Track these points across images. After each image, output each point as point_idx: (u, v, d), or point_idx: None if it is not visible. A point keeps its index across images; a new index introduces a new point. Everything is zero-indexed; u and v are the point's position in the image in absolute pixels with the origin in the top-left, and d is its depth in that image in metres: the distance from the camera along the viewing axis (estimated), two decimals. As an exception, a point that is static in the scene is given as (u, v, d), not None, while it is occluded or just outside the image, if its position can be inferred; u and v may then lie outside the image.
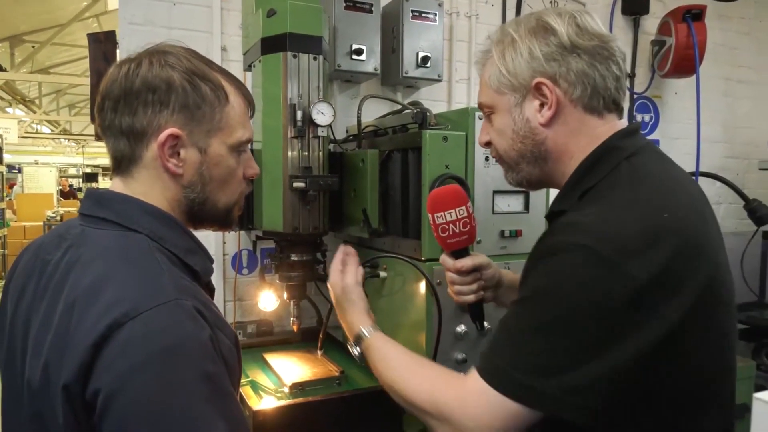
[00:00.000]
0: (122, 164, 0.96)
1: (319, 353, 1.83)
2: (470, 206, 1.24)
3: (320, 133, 1.66)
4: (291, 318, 1.85)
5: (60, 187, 15.64)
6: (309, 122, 1.63)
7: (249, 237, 2.20)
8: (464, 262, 1.28)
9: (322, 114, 1.61)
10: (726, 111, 3.44)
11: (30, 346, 0.87)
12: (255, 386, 1.67)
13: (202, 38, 2.17)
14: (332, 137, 1.89)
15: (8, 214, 9.62)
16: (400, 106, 2.08)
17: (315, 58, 1.66)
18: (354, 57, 2.15)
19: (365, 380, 1.70)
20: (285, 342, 2.08)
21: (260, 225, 1.73)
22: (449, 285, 1.33)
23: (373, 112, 2.17)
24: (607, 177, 0.97)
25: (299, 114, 1.61)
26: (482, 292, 1.33)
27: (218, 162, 0.97)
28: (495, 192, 1.66)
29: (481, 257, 1.32)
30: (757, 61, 3.52)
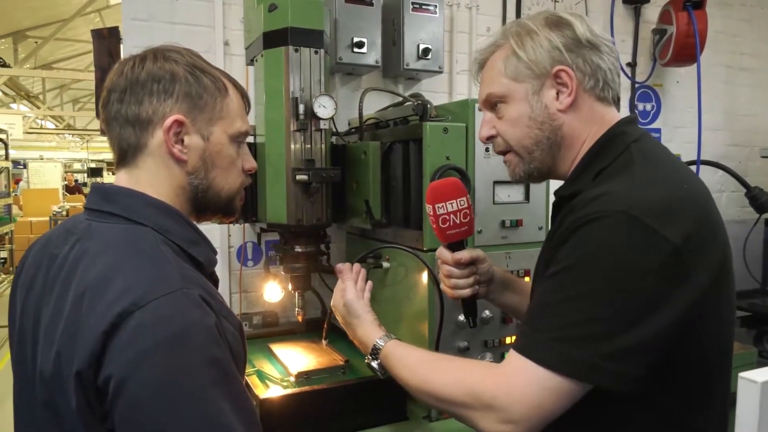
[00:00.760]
0: (128, 154, 0.99)
1: (324, 343, 1.85)
2: (469, 198, 1.25)
3: (322, 126, 1.68)
4: (296, 309, 1.88)
5: (66, 182, 15.71)
6: (311, 115, 1.64)
7: (253, 229, 2.22)
8: (463, 254, 1.28)
9: (324, 107, 1.63)
10: (727, 99, 3.44)
11: (41, 337, 0.90)
12: (261, 376, 1.70)
13: (205, 33, 2.19)
14: (334, 130, 1.91)
15: (15, 210, 9.68)
16: (401, 98, 2.10)
17: (316, 52, 1.68)
18: (355, 50, 2.17)
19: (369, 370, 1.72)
20: (290, 332, 2.11)
21: (264, 217, 1.76)
22: (443, 279, 1.33)
23: (375, 105, 2.19)
24: (619, 158, 1.02)
25: (301, 107, 1.63)
26: (477, 287, 1.33)
27: (220, 150, 1.02)
28: (495, 182, 1.67)
29: (477, 251, 1.32)
30: (759, 49, 3.51)
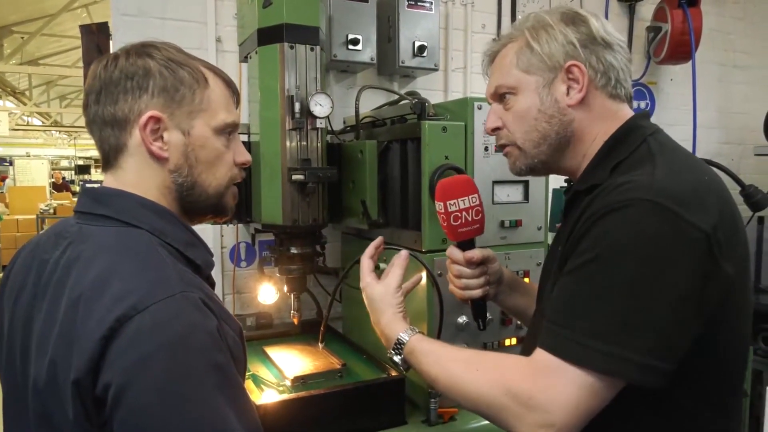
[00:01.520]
0: (110, 157, 0.96)
1: (321, 346, 1.82)
2: (480, 196, 1.24)
3: (319, 125, 1.65)
4: (291, 311, 1.85)
5: (53, 180, 15.54)
6: (307, 114, 1.61)
7: (247, 230, 2.19)
8: (474, 253, 1.25)
9: (321, 105, 1.60)
10: (721, 96, 3.44)
11: (33, 346, 0.86)
12: (256, 380, 1.67)
13: (197, 29, 2.14)
14: (329, 128, 1.88)
15: (1, 208, 9.56)
16: (397, 96, 2.07)
17: (312, 49, 1.64)
18: (350, 47, 2.14)
19: (368, 373, 1.70)
20: (285, 334, 2.08)
21: (259, 218, 1.72)
22: (453, 279, 1.29)
23: (370, 103, 2.15)
24: (637, 151, 1.01)
25: (297, 106, 1.60)
26: (488, 287, 1.30)
27: (203, 144, 0.97)
28: (494, 182, 1.65)
29: (488, 250, 1.29)
30: (752, 46, 3.51)
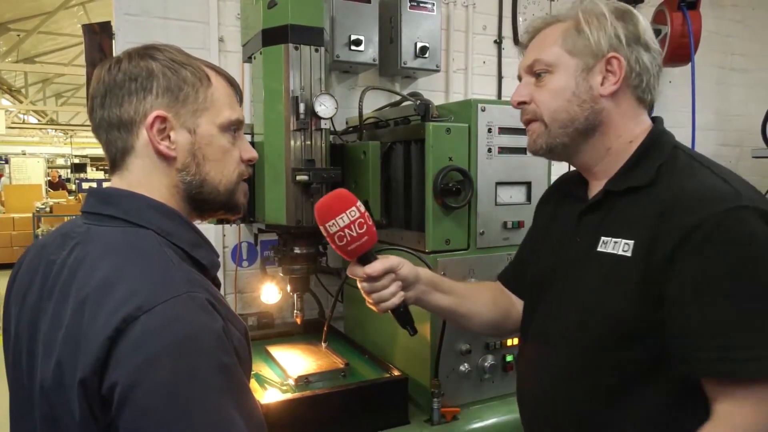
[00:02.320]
0: (117, 159, 0.96)
1: (324, 346, 1.83)
2: (361, 206, 1.13)
3: (323, 126, 1.65)
4: (294, 311, 1.85)
5: (49, 178, 15.48)
6: (311, 114, 1.62)
7: (249, 230, 2.19)
8: (374, 267, 1.15)
9: (325, 106, 1.60)
10: (719, 99, 3.46)
11: (40, 347, 0.86)
12: (260, 379, 1.68)
13: (199, 29, 2.15)
14: (332, 129, 1.88)
15: (-3, 206, 9.53)
16: (399, 97, 2.08)
17: (317, 50, 1.64)
18: (352, 47, 2.14)
19: (370, 372, 1.71)
20: (287, 334, 2.09)
21: (262, 218, 1.73)
22: (365, 296, 1.21)
23: (371, 103, 2.16)
24: (677, 158, 1.05)
25: (302, 106, 1.60)
26: (402, 294, 1.20)
27: (210, 141, 0.98)
28: (497, 183, 1.66)
29: (391, 258, 1.19)
30: (750, 49, 3.54)
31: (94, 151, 20.62)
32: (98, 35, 2.10)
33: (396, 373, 1.63)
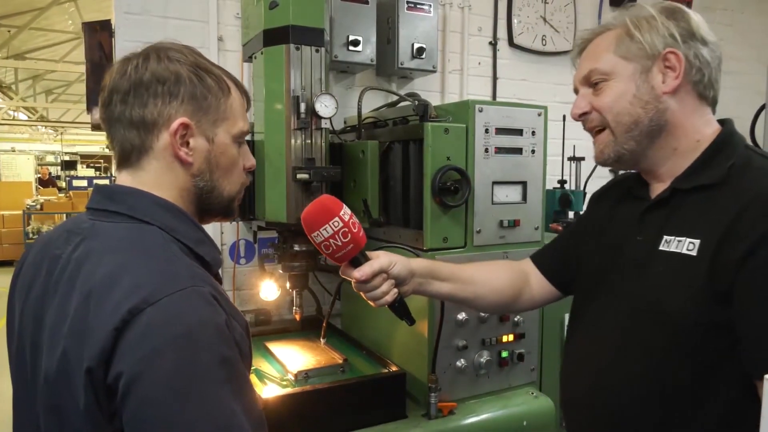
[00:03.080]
0: (131, 156, 0.97)
1: (322, 342, 1.86)
2: (345, 214, 1.13)
3: (323, 125, 1.68)
4: (293, 307, 1.88)
5: (39, 175, 15.37)
6: (312, 114, 1.64)
7: (247, 227, 2.21)
8: (363, 271, 1.16)
9: (326, 106, 1.63)
10: (709, 101, 3.51)
11: (45, 340, 0.88)
12: (259, 374, 1.70)
13: (198, 28, 2.16)
14: (331, 128, 1.91)
15: (-14, 203, 9.46)
16: (396, 97, 2.10)
17: (317, 50, 1.67)
18: (350, 48, 2.17)
19: (368, 368, 1.74)
20: (285, 331, 2.11)
21: (262, 215, 1.75)
22: (361, 295, 1.22)
23: (368, 103, 2.19)
24: (752, 158, 1.04)
25: (302, 106, 1.63)
26: (396, 291, 1.22)
27: (224, 151, 1.01)
28: (494, 183, 1.69)
29: (381, 259, 1.19)
30: (740, 52, 3.58)
31: (85, 149, 20.51)
32: (98, 33, 2.12)
33: (394, 369, 1.66)
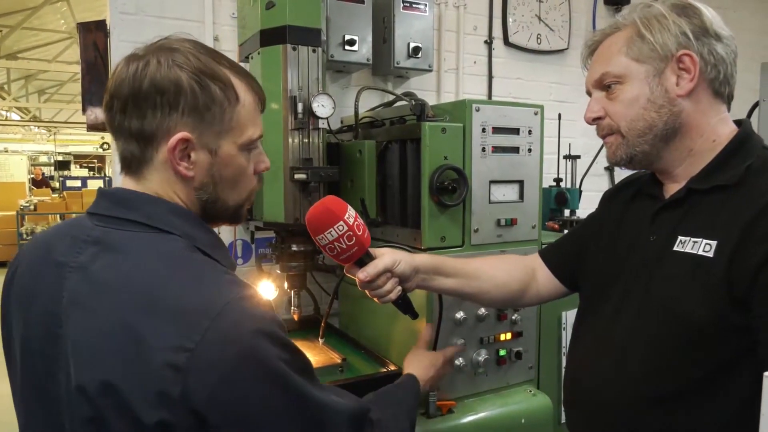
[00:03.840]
0: (132, 165, 0.94)
1: (321, 342, 1.86)
2: (350, 217, 1.14)
3: (320, 125, 1.68)
4: (291, 307, 1.88)
5: (32, 176, 15.30)
6: (309, 114, 1.64)
7: (244, 228, 2.21)
8: (367, 272, 1.18)
9: (323, 106, 1.63)
10: (703, 99, 3.53)
11: (69, 351, 0.85)
12: (258, 374, 1.70)
13: (194, 27, 2.15)
14: (328, 128, 1.91)
15: (-21, 204, 9.41)
16: (392, 97, 2.11)
17: (314, 50, 1.67)
18: (346, 47, 2.16)
19: (367, 367, 1.74)
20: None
21: (260, 216, 1.75)
22: (366, 292, 1.25)
23: (364, 102, 2.18)
24: (764, 161, 1.02)
25: (300, 106, 1.63)
26: (399, 288, 1.24)
27: (228, 162, 0.96)
28: (491, 182, 1.70)
29: (385, 259, 1.20)
30: (733, 51, 3.61)
31: (78, 149, 20.43)
32: (93, 33, 2.11)
33: (392, 368, 1.66)
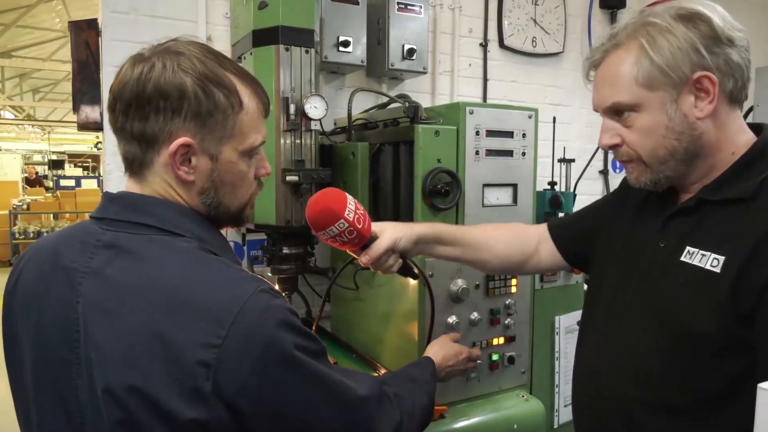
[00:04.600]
0: (134, 166, 0.94)
1: (311, 344, 1.84)
2: (350, 212, 1.16)
3: (313, 127, 1.67)
4: (282, 310, 1.86)
5: (26, 175, 15.23)
6: (302, 116, 1.63)
7: (236, 229, 2.19)
8: (370, 255, 1.22)
9: (315, 108, 1.62)
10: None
11: (93, 354, 0.85)
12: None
13: (187, 27, 2.14)
14: (321, 129, 1.90)
15: (-28, 203, 9.35)
16: (387, 99, 2.10)
17: (307, 51, 1.66)
18: (340, 49, 2.15)
19: (358, 369, 1.72)
20: (274, 333, 2.09)
21: (252, 218, 1.74)
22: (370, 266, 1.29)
23: (358, 104, 2.17)
24: None
25: (292, 107, 1.62)
26: (401, 261, 1.29)
27: (229, 168, 0.96)
28: (485, 185, 1.68)
29: (386, 238, 1.23)
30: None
31: (72, 148, 20.35)
32: (85, 32, 2.09)
33: (383, 372, 1.65)
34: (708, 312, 0.95)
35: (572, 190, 2.63)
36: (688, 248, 1.01)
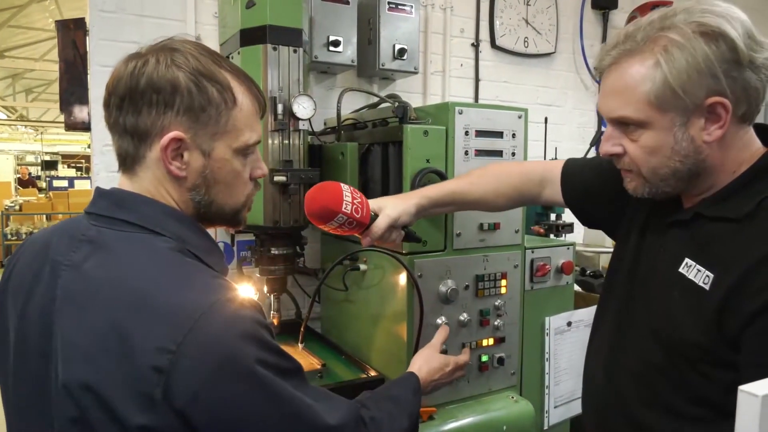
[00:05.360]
0: (127, 162, 0.94)
1: (300, 347, 1.83)
2: (347, 206, 1.21)
3: (301, 127, 1.65)
4: (271, 311, 1.85)
5: (18, 175, 15.15)
6: (290, 115, 1.62)
7: (226, 230, 2.18)
8: (371, 236, 1.28)
9: (304, 107, 1.61)
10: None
11: (59, 349, 0.84)
12: (236, 380, 1.67)
13: (175, 27, 2.12)
14: (310, 129, 1.89)
15: (-36, 204, 9.29)
16: (377, 99, 2.09)
17: (295, 51, 1.65)
18: (331, 48, 2.14)
19: (347, 373, 1.71)
20: (263, 335, 2.07)
21: (240, 218, 1.73)
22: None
23: (349, 104, 2.17)
24: None
25: (280, 107, 1.61)
26: (402, 232, 1.36)
27: (222, 166, 0.95)
28: (474, 185, 1.68)
29: (386, 217, 1.28)
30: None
31: (66, 148, 20.25)
32: (72, 31, 2.07)
33: (372, 374, 1.64)
34: (697, 327, 0.95)
35: (564, 191, 2.62)
36: (687, 260, 1.00)
